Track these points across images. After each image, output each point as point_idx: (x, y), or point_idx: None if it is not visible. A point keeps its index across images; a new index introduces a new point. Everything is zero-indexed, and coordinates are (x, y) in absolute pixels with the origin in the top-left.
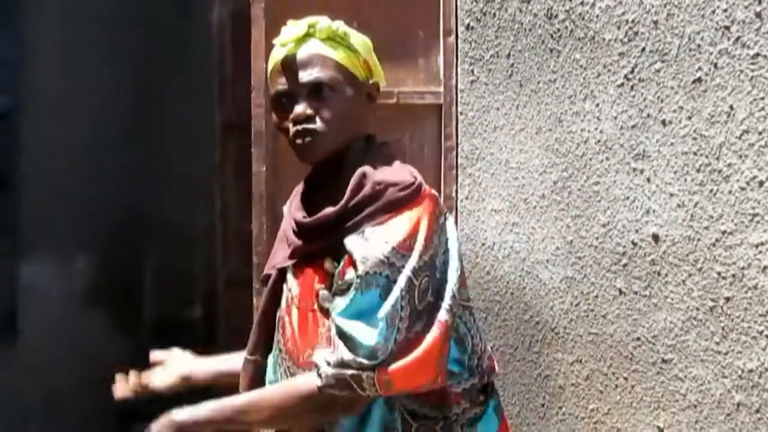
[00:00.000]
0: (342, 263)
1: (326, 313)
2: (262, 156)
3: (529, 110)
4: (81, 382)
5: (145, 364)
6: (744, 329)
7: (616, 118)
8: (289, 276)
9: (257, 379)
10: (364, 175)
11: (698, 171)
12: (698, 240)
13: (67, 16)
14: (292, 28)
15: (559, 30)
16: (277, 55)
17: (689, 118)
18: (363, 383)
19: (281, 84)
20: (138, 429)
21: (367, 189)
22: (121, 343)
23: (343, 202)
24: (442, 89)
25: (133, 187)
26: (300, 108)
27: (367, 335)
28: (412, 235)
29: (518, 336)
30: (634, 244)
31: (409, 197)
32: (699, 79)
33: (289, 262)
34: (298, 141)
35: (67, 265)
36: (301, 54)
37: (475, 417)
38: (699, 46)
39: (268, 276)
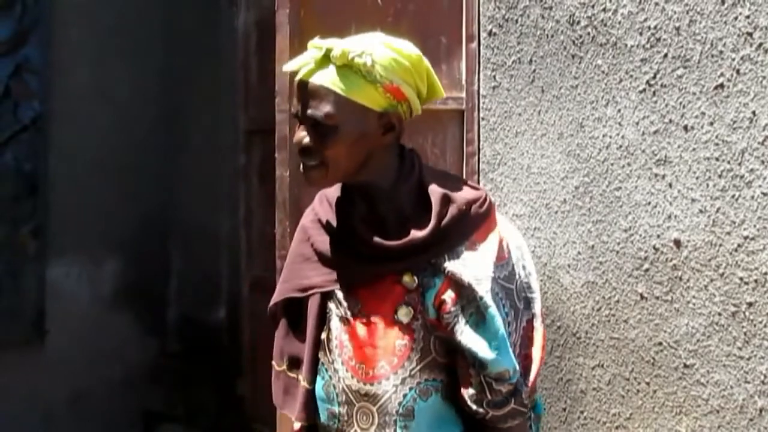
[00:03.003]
0: (437, 285)
1: (405, 327)
2: (286, 161)
3: (550, 116)
4: (107, 382)
5: (167, 366)
6: (767, 334)
7: (637, 123)
8: (339, 294)
9: (311, 405)
10: (447, 198)
11: (720, 177)
12: (720, 245)
13: (95, 23)
14: (312, 51)
15: (581, 36)
16: (298, 74)
17: (711, 123)
18: (524, 400)
19: (294, 105)
20: (162, 430)
21: (453, 211)
22: (146, 345)
23: (432, 226)
24: (464, 95)
25: (159, 191)
26: (300, 135)
27: (507, 358)
28: (501, 245)
29: None
30: (656, 249)
31: (489, 211)
32: (721, 85)
33: (342, 284)
34: (302, 168)
35: (94, 267)
36: (312, 82)
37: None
38: (721, 52)
39: (292, 300)
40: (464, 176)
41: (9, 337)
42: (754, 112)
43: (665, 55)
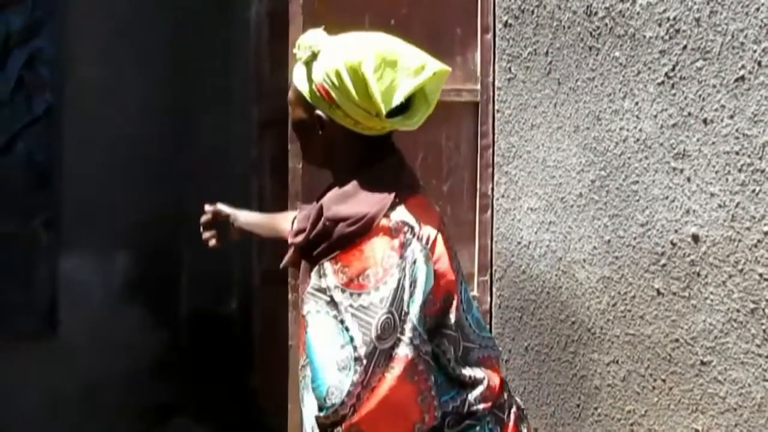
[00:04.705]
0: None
1: (304, 320)
2: (299, 153)
3: (567, 108)
4: (118, 374)
5: (179, 359)
6: None
7: (656, 116)
8: None
9: None
10: (320, 209)
11: (740, 171)
12: (739, 241)
13: (108, 14)
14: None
15: (598, 27)
16: None
17: (731, 117)
18: None
19: None
20: (173, 423)
21: (320, 225)
22: (157, 338)
23: (303, 236)
24: (479, 87)
25: (172, 183)
26: None
27: (318, 383)
28: (361, 272)
29: (554, 335)
30: (673, 244)
31: (358, 232)
32: (742, 78)
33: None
34: None
35: (106, 260)
36: None
37: None
38: (742, 43)
39: None
40: (478, 169)
41: (21, 328)
42: None
43: (684, 47)
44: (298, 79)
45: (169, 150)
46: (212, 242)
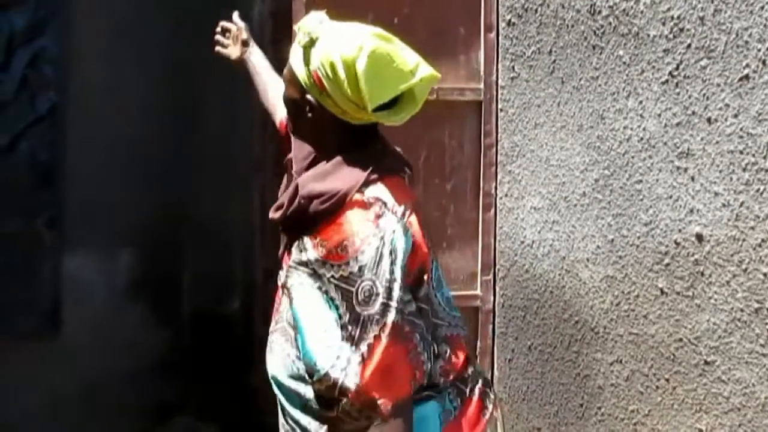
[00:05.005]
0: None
1: (282, 287)
2: None
3: (570, 107)
4: (120, 373)
5: (181, 358)
6: None
7: (659, 115)
8: None
9: None
10: (296, 187)
11: (744, 170)
12: (744, 240)
13: (111, 13)
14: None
15: (602, 26)
16: None
17: (735, 116)
18: (353, 414)
19: None
20: (175, 422)
21: (295, 203)
22: (160, 337)
23: (282, 211)
24: (482, 86)
25: (174, 182)
26: None
27: (306, 351)
28: (339, 244)
29: (557, 335)
30: (677, 243)
31: (333, 207)
32: (746, 77)
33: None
34: None
35: (109, 259)
36: None
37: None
38: (747, 42)
39: None
40: (482, 168)
41: (25, 327)
42: None
43: (689, 46)
44: (295, 61)
45: (171, 149)
46: (217, 48)
